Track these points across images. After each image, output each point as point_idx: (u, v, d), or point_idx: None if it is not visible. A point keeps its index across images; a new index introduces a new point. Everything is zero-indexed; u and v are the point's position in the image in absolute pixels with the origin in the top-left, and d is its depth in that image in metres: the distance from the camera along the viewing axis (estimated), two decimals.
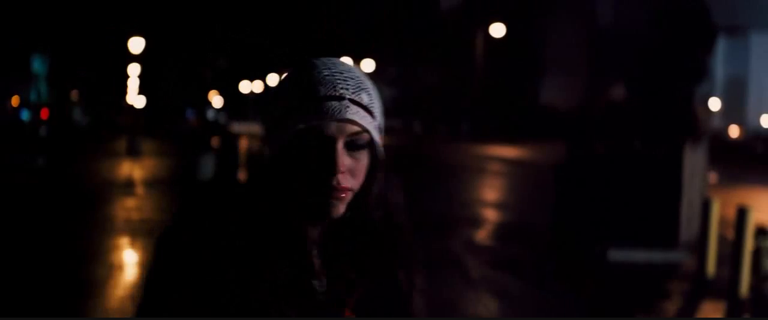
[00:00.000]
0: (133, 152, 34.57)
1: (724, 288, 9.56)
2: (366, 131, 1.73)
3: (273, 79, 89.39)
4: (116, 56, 64.27)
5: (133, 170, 26.78)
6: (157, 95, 77.18)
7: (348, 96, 1.72)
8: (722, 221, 11.54)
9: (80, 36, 61.98)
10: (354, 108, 1.72)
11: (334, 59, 1.81)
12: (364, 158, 1.76)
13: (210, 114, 75.94)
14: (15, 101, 60.73)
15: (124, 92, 78.86)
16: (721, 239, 11.03)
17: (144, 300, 1.73)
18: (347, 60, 1.83)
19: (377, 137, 1.77)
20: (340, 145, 1.71)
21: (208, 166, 23.59)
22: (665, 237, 11.44)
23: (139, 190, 20.54)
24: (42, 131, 51.36)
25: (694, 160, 12.09)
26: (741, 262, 8.96)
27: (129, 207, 16.89)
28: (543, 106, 73.33)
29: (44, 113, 57.95)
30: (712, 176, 28.50)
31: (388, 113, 1.90)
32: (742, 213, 9.07)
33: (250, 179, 1.83)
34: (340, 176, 1.70)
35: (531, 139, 56.00)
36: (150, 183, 22.37)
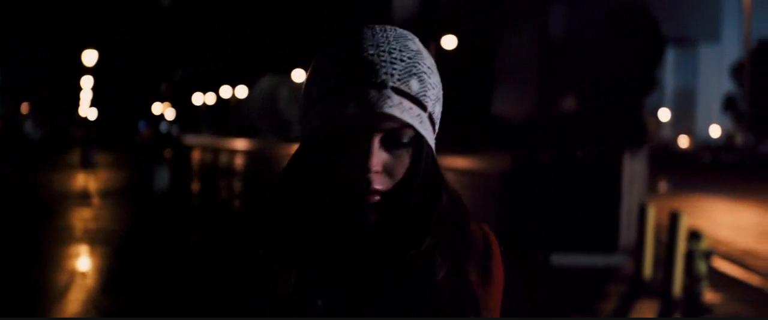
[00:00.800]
0: (88, 164, 34.65)
1: (659, 289, 10.09)
2: (409, 126, 1.50)
3: (226, 91, 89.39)
4: (69, 68, 63.99)
5: (88, 181, 26.98)
6: (110, 107, 76.92)
7: (391, 84, 1.49)
8: (664, 227, 12.09)
9: (32, 48, 61.78)
10: (396, 99, 1.49)
11: (388, 30, 1.57)
12: (406, 155, 1.54)
13: (163, 126, 76.08)
14: None
15: (77, 104, 78.46)
16: (661, 243, 11.55)
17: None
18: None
19: (426, 131, 1.53)
20: (377, 141, 1.50)
21: (163, 177, 23.91)
22: (606, 242, 11.97)
23: (95, 201, 20.80)
24: None
25: (633, 167, 12.63)
26: (674, 264, 9.49)
27: (86, 218, 17.16)
28: (496, 116, 74.13)
29: None
30: (663, 185, 29.24)
31: None
32: (674, 218, 9.61)
33: (281, 175, 1.63)
34: (373, 176, 1.50)
35: (483, 149, 56.57)
36: (105, 194, 22.61)
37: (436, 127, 1.59)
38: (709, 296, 9.80)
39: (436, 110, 1.57)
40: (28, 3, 57.69)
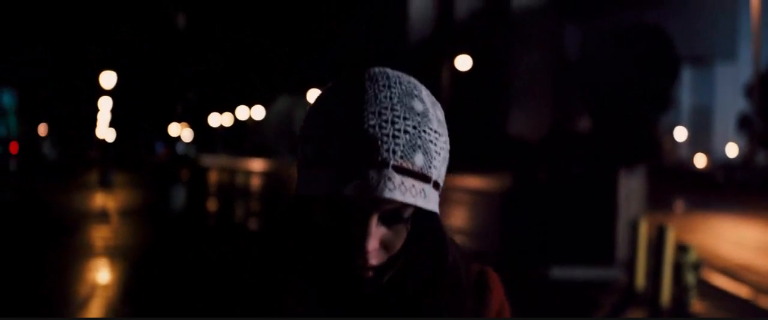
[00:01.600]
0: (106, 184, 35.21)
1: (649, 299, 10.60)
2: (410, 204, 1.40)
3: (242, 112, 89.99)
4: (87, 90, 64.52)
5: (106, 201, 27.58)
6: (127, 128, 77.46)
7: (393, 163, 1.37)
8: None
9: (50, 70, 62.24)
10: (398, 179, 1.38)
11: (393, 87, 1.44)
12: (405, 229, 1.46)
13: (180, 147, 76.44)
14: None
15: (94, 126, 79.02)
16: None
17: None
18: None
19: (430, 203, 1.43)
20: (374, 221, 1.41)
21: (179, 197, 24.50)
22: (602, 255, 12.48)
23: (114, 219, 21.39)
24: (12, 165, 51.45)
25: (630, 184, 13.15)
26: (661, 275, 10.02)
27: (105, 235, 17.75)
28: (510, 135, 74.43)
29: (14, 147, 59.87)
30: (679, 205, 29.69)
31: None
32: (661, 231, 10.14)
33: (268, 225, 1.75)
34: (368, 255, 1.42)
35: (497, 168, 56.86)
36: (124, 213, 23.20)
37: (442, 183, 1.49)
38: (697, 306, 10.30)
39: (443, 171, 1.47)
40: (47, 24, 58.23)
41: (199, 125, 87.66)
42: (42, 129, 74.61)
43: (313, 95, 73.70)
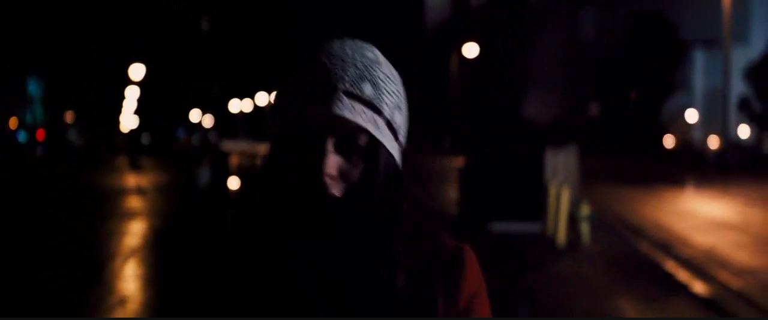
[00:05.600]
0: (135, 166, 38.35)
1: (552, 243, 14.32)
2: (362, 129, 1.51)
3: (262, 98, 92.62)
4: (114, 79, 66.84)
5: (138, 180, 31.20)
6: (150, 115, 79.09)
7: (342, 87, 1.50)
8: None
9: (77, 59, 63.70)
10: (347, 102, 1.50)
11: (345, 41, 1.59)
12: (360, 161, 1.53)
13: (201, 134, 77.25)
14: (13, 122, 62.05)
15: (119, 114, 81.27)
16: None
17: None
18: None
19: (384, 137, 1.55)
20: (330, 145, 1.50)
21: (204, 177, 27.82)
22: (532, 214, 16.07)
23: (149, 193, 25.13)
24: (38, 152, 54.12)
25: (557, 160, 16.81)
26: (557, 223, 13.76)
27: (145, 204, 21.62)
28: (523, 118, 75.57)
29: (40, 134, 61.08)
30: (690, 187, 31.88)
31: None
32: (558, 193, 13.89)
33: (243, 184, 2.51)
34: (327, 180, 1.50)
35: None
36: (157, 189, 26.92)
37: (401, 136, 1.60)
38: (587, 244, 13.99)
39: (397, 118, 1.57)
40: (74, 16, 59.82)
41: (220, 111, 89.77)
42: (68, 117, 77.07)
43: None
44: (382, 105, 1.54)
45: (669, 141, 71.24)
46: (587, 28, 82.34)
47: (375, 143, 1.53)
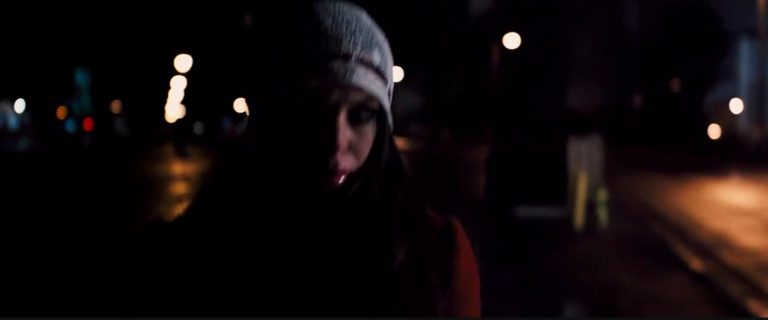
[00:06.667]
0: (182, 154, 39.50)
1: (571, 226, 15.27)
2: (377, 98, 1.39)
3: None
4: (160, 69, 68.05)
5: (186, 168, 32.39)
6: (195, 105, 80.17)
7: (355, 55, 1.38)
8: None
9: (123, 49, 64.99)
10: (362, 70, 1.37)
11: (338, 3, 1.44)
12: (370, 131, 1.42)
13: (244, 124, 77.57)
14: (61, 112, 63.26)
15: (165, 104, 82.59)
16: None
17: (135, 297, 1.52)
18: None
19: (388, 105, 1.45)
20: (343, 117, 1.37)
21: None
22: (555, 199, 17.02)
23: (194, 180, 26.29)
24: (86, 141, 55.34)
25: (580, 149, 17.77)
26: (575, 207, 14.71)
27: (190, 190, 22.74)
28: (564, 109, 75.95)
29: (88, 124, 62.60)
30: (722, 177, 32.32)
31: (417, 120, 2.32)
32: (576, 177, 14.84)
33: (230, 161, 1.53)
34: (338, 156, 1.37)
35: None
36: (204, 175, 28.06)
37: (390, 101, 1.49)
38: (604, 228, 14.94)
39: (392, 84, 1.48)
40: (122, 6, 60.91)
41: None
42: (115, 107, 78.58)
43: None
44: (386, 73, 1.44)
45: (714, 132, 71.09)
46: (630, 19, 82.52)
47: (382, 114, 1.44)
